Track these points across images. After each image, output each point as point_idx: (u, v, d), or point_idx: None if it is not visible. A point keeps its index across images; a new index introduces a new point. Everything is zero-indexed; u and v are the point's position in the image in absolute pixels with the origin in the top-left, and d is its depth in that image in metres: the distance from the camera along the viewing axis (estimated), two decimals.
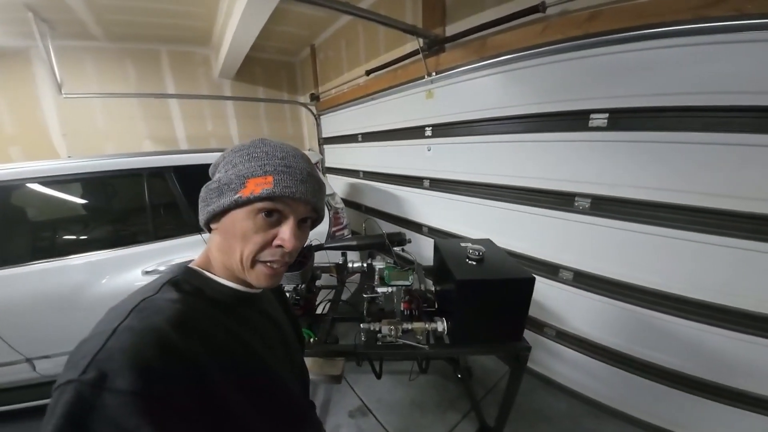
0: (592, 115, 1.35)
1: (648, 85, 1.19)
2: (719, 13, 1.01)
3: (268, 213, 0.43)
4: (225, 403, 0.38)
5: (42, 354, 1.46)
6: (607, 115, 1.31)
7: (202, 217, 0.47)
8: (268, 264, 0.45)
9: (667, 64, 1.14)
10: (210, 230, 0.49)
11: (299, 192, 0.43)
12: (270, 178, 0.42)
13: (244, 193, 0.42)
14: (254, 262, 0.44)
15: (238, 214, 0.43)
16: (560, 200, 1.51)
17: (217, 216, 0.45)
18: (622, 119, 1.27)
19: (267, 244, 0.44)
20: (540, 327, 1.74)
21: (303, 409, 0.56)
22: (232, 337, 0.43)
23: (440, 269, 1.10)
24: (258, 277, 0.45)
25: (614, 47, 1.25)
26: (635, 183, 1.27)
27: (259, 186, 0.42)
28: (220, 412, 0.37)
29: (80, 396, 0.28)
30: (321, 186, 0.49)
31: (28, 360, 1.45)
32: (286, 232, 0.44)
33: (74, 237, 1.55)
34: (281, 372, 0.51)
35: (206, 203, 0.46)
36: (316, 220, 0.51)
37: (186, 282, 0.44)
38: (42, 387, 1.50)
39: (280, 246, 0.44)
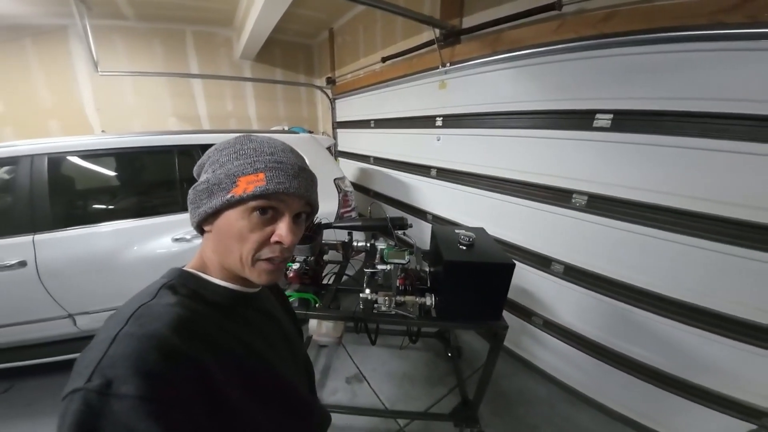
0: (598, 116, 1.37)
1: (655, 88, 1.21)
2: (734, 20, 1.01)
3: (263, 210, 0.42)
4: (230, 403, 0.38)
5: (82, 310, 1.63)
6: (611, 116, 1.34)
7: (194, 219, 0.46)
8: (269, 260, 0.45)
9: (676, 68, 1.16)
10: (202, 232, 0.48)
11: (293, 187, 0.43)
12: (261, 175, 0.41)
13: (237, 192, 0.41)
14: (254, 260, 0.44)
15: (231, 214, 0.43)
16: (558, 196, 1.57)
17: (210, 217, 0.44)
18: (626, 121, 1.30)
19: (265, 242, 0.44)
20: (529, 315, 1.84)
21: (308, 402, 0.56)
22: (232, 337, 0.43)
23: (434, 252, 1.21)
24: (260, 275, 0.45)
25: (627, 49, 1.26)
26: (630, 184, 1.31)
27: (251, 184, 0.41)
28: (226, 412, 0.37)
29: (88, 404, 0.29)
30: (313, 180, 0.49)
31: (70, 315, 1.61)
32: (282, 228, 0.44)
33: (114, 206, 1.72)
34: (284, 368, 0.51)
35: (196, 205, 0.44)
36: (310, 214, 0.51)
37: (182, 285, 0.43)
38: (81, 341, 1.67)
39: (278, 242, 0.44)
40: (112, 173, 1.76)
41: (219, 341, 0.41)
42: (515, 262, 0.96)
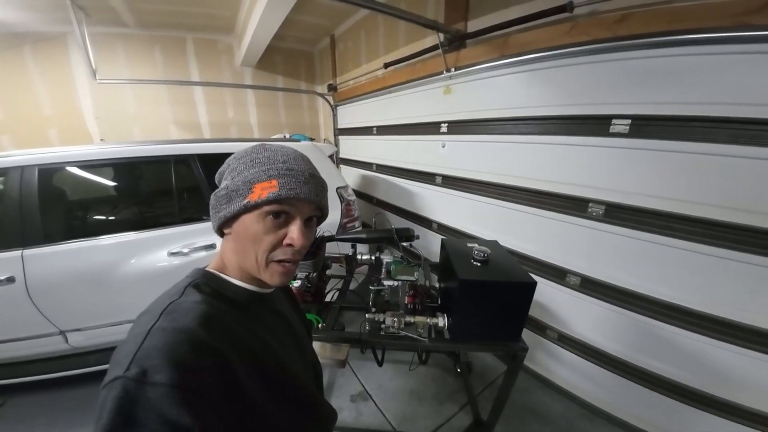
0: (614, 121, 1.31)
1: (675, 92, 1.15)
2: (761, 22, 0.96)
3: (276, 215, 0.46)
4: (248, 394, 0.41)
5: (74, 327, 1.57)
6: (629, 121, 1.28)
7: (215, 223, 0.49)
8: (281, 263, 0.48)
9: (698, 72, 1.10)
10: (222, 235, 0.51)
11: (303, 193, 0.46)
12: (275, 182, 0.45)
13: (252, 198, 0.44)
14: (268, 261, 0.47)
15: (248, 218, 0.46)
16: (574, 205, 1.50)
17: (229, 221, 0.48)
18: (645, 127, 1.24)
19: (278, 244, 0.47)
20: (543, 329, 1.76)
21: (316, 399, 0.58)
22: (250, 334, 0.46)
23: (445, 267, 1.13)
24: (272, 276, 0.48)
25: (644, 52, 1.21)
26: (652, 192, 1.24)
27: (265, 190, 0.44)
28: (244, 402, 0.40)
29: (126, 390, 0.31)
30: (323, 185, 0.52)
31: (62, 332, 1.56)
32: (294, 231, 0.47)
33: (106, 218, 1.65)
34: (295, 365, 0.54)
35: (217, 210, 0.48)
36: (321, 218, 0.54)
37: (205, 285, 0.47)
38: (73, 358, 1.61)
39: (290, 245, 0.47)
40: (104, 185, 1.70)
41: (239, 336, 0.44)
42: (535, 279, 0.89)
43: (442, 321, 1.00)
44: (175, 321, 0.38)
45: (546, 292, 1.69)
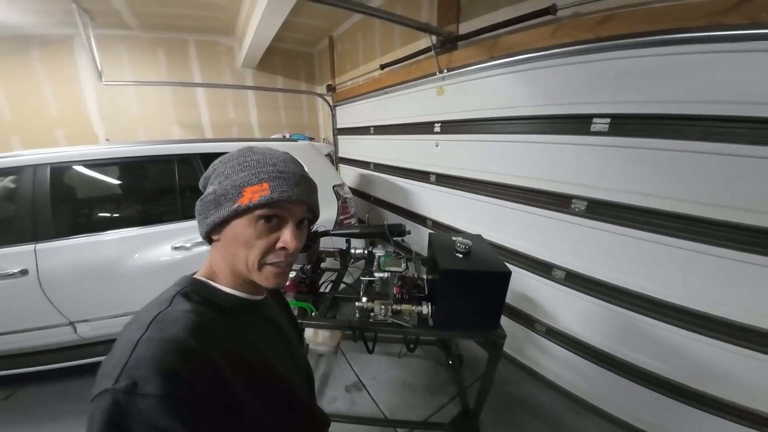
0: (595, 120, 1.36)
1: (653, 91, 1.20)
2: (734, 21, 1.00)
3: (268, 218, 0.45)
4: (239, 402, 0.40)
5: (83, 318, 1.64)
6: (608, 120, 1.33)
7: (203, 229, 0.48)
8: (275, 264, 0.47)
9: (673, 71, 1.15)
10: (211, 241, 0.50)
11: (295, 195, 0.45)
12: (266, 185, 0.44)
13: (243, 202, 0.43)
14: (261, 265, 0.46)
15: (238, 223, 0.45)
16: (557, 201, 1.55)
17: (218, 227, 0.46)
18: (623, 125, 1.29)
19: (270, 248, 0.46)
20: (531, 322, 1.81)
21: (308, 405, 0.58)
22: (240, 341, 0.45)
23: (432, 259, 1.20)
24: (267, 278, 0.47)
25: (623, 52, 1.25)
26: (631, 189, 1.29)
27: (256, 194, 0.43)
28: (235, 410, 0.40)
29: (116, 402, 0.31)
30: (313, 187, 0.52)
31: (71, 323, 1.63)
32: (287, 234, 0.46)
33: (113, 215, 1.74)
34: (286, 372, 0.53)
35: (204, 216, 0.47)
36: (312, 219, 0.54)
37: (194, 293, 0.46)
38: (81, 348, 1.69)
39: (283, 248, 0.46)
40: (112, 182, 1.78)
41: (229, 345, 0.43)
42: (514, 268, 0.97)
43: (426, 309, 1.06)
44: (163, 331, 0.38)
45: (534, 286, 1.74)
